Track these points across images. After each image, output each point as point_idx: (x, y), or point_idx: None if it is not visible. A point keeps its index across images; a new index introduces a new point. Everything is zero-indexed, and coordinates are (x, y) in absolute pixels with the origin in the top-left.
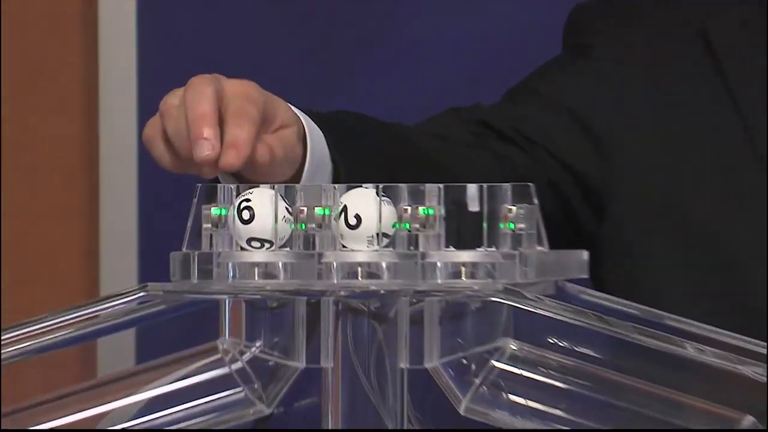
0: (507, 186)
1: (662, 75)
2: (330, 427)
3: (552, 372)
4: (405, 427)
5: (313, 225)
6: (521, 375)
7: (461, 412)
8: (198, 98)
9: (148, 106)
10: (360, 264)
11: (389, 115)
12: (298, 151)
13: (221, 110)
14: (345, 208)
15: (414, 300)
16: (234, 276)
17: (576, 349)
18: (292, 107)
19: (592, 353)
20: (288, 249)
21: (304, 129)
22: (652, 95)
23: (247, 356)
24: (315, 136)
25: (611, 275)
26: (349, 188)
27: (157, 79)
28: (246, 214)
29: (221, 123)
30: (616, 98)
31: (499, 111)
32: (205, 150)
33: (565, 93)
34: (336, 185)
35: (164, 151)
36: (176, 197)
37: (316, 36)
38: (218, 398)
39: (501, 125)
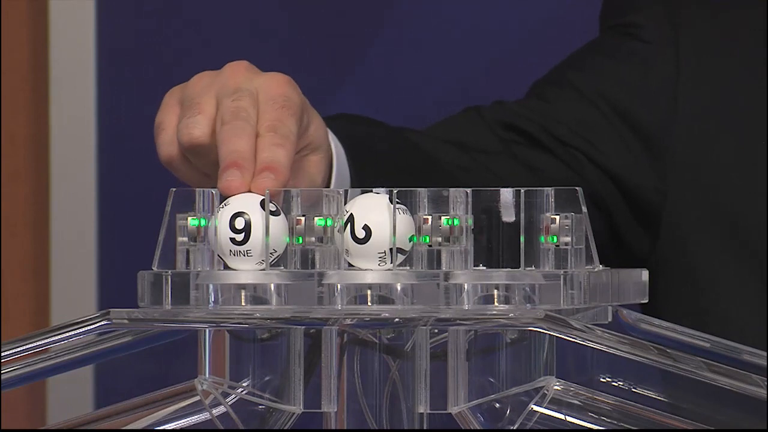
0: (549, 191)
1: (728, 61)
2: None
3: (604, 418)
4: None
5: (313, 238)
6: (567, 421)
7: None
8: (236, 134)
9: (108, 89)
10: (370, 286)
11: (395, 112)
12: (319, 182)
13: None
14: (351, 218)
15: (435, 330)
16: (216, 301)
17: (634, 389)
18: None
19: (653, 395)
20: (282, 268)
21: (332, 156)
22: (717, 86)
23: (231, 399)
24: (341, 165)
25: (669, 304)
26: (356, 194)
27: (120, 62)
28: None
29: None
30: (672, 90)
31: (526, 110)
32: (233, 178)
33: (607, 84)
34: (341, 189)
35: (190, 171)
36: (145, 205)
37: (316, 19)
38: None
39: (530, 128)
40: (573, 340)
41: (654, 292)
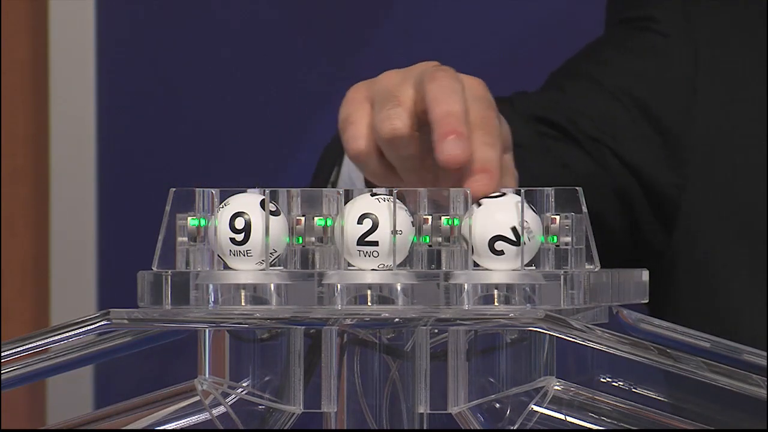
0: (549, 190)
1: (745, 54)
2: None
3: (604, 418)
4: None
5: (313, 238)
6: (567, 422)
7: None
8: (448, 94)
9: (108, 89)
10: (369, 286)
11: None
12: (517, 176)
13: None
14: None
15: (436, 330)
16: (216, 301)
17: (634, 390)
18: None
19: (653, 395)
20: (282, 268)
21: None
22: (734, 80)
23: (231, 399)
24: None
25: (683, 298)
26: (355, 193)
27: (120, 62)
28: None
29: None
30: (690, 84)
31: (550, 101)
32: (455, 148)
33: (626, 78)
34: (341, 189)
35: (379, 164)
36: (144, 205)
37: (315, 16)
38: None
39: (559, 119)
40: (573, 340)
41: (668, 286)
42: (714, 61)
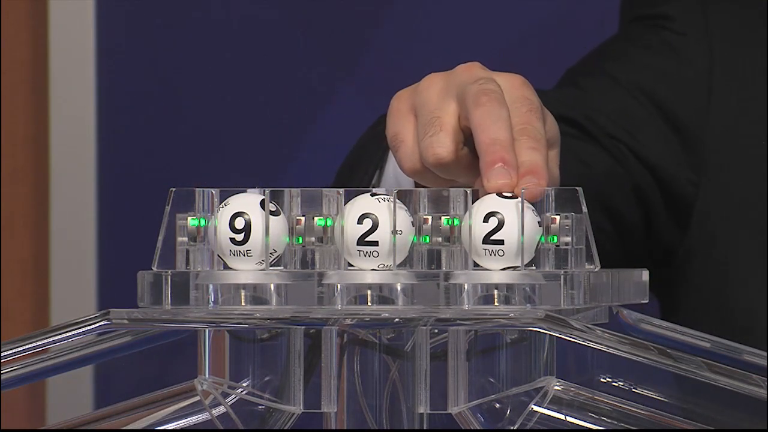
0: (548, 190)
1: (760, 53)
2: None
3: (605, 418)
4: None
5: (313, 238)
6: (567, 422)
7: None
8: (493, 120)
9: (108, 89)
10: (369, 286)
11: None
12: (557, 174)
13: None
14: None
15: (436, 330)
16: (216, 301)
17: (634, 390)
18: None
19: (653, 395)
20: (282, 268)
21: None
22: (750, 78)
23: (231, 399)
24: None
25: (694, 296)
26: (355, 193)
27: (120, 62)
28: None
29: None
30: (706, 82)
31: (567, 98)
32: (502, 177)
33: (643, 75)
34: (341, 189)
35: (435, 179)
36: (144, 204)
37: (315, 15)
38: None
39: (577, 117)
40: (573, 340)
41: (682, 285)
42: (730, 58)
